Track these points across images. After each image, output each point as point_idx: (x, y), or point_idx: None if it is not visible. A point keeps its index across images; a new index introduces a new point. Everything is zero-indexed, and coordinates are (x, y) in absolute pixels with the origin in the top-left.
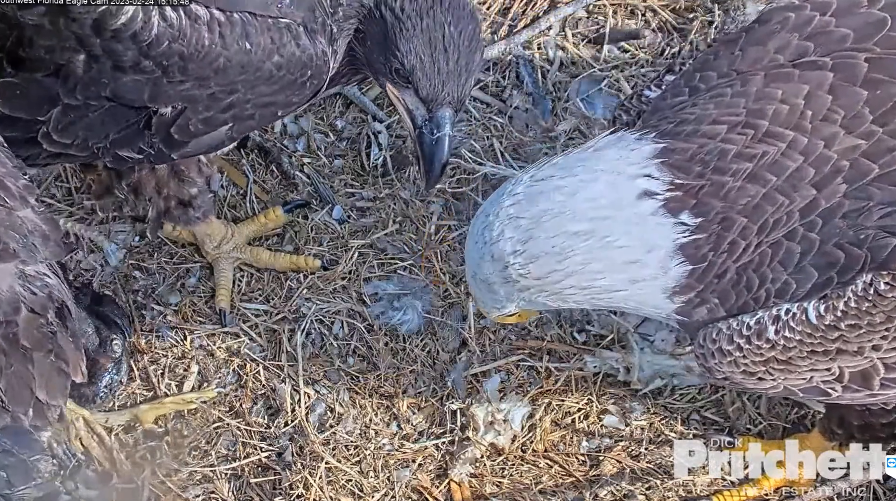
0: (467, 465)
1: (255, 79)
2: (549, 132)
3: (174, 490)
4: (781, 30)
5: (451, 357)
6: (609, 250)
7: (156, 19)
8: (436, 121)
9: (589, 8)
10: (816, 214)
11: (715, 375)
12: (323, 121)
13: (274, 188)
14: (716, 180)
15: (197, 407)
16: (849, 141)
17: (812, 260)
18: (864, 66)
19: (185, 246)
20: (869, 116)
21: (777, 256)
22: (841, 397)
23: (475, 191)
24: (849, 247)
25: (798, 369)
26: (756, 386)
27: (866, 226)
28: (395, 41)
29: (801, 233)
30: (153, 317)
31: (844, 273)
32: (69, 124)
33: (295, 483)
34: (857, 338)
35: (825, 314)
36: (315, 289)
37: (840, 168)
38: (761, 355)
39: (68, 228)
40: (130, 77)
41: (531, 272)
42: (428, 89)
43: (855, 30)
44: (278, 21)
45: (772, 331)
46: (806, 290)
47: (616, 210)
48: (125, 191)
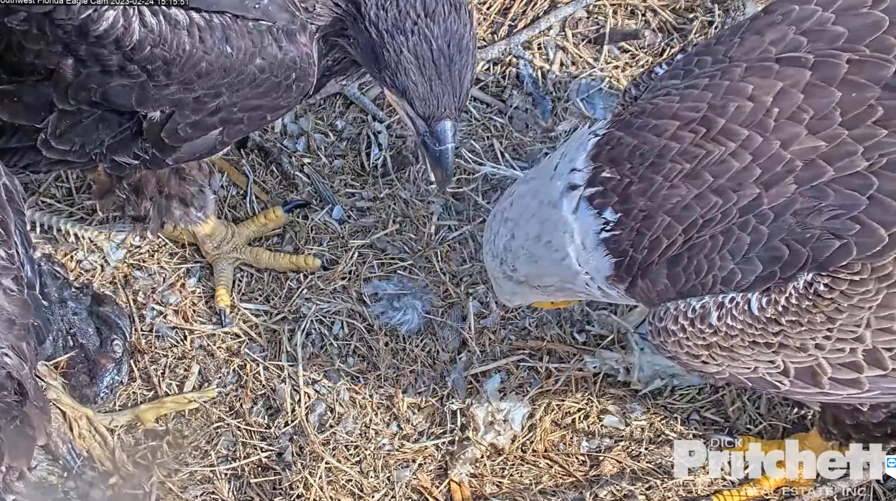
0: (467, 465)
1: (238, 82)
2: (549, 132)
3: (174, 490)
4: (782, 21)
5: (451, 357)
6: (549, 250)
7: (136, 25)
8: (436, 136)
9: (589, 8)
10: (767, 207)
11: (663, 353)
12: (323, 121)
13: (274, 188)
14: (646, 178)
15: (198, 406)
16: (810, 141)
17: (759, 253)
18: (843, 68)
19: (185, 246)
20: (839, 118)
21: (728, 244)
22: (791, 391)
23: (475, 191)
24: (793, 244)
25: (741, 357)
26: (702, 369)
27: (814, 226)
28: (384, 60)
29: (753, 224)
30: (153, 317)
31: (786, 269)
32: (66, 130)
33: (295, 483)
34: (799, 335)
35: (766, 307)
36: (315, 289)
37: (792, 168)
38: (704, 339)
39: (68, 227)
40: (118, 81)
41: (518, 270)
42: (424, 108)
43: (850, 29)
44: (259, 24)
45: (714, 317)
46: (750, 282)
47: (552, 209)
48: (127, 191)
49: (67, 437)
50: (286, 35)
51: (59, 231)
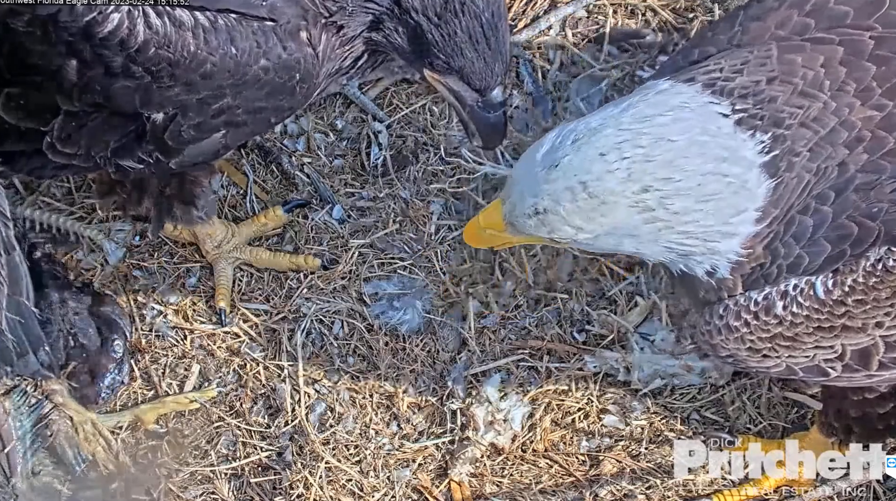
0: (467, 465)
1: (242, 83)
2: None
3: (174, 490)
4: (780, 6)
5: (451, 357)
6: (720, 184)
7: (141, 27)
8: (490, 103)
9: (589, 8)
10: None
11: (719, 352)
12: (323, 121)
13: (274, 188)
14: (772, 113)
15: (198, 406)
16: (865, 111)
17: (825, 234)
18: (870, 43)
19: (185, 245)
20: (878, 90)
21: (790, 231)
22: (839, 377)
23: (475, 190)
24: (862, 220)
25: (803, 346)
26: (759, 365)
27: (879, 200)
28: (437, 45)
29: (814, 206)
30: (153, 317)
31: (857, 246)
32: (71, 133)
33: (295, 483)
34: (863, 314)
35: (833, 289)
36: (315, 289)
37: (862, 137)
38: (768, 331)
39: (68, 227)
40: (122, 83)
41: (676, 206)
42: (479, 81)
43: (855, 8)
44: (264, 24)
45: (780, 307)
46: (818, 264)
47: (710, 136)
48: (128, 191)
49: (74, 441)
50: (291, 36)
51: (58, 230)
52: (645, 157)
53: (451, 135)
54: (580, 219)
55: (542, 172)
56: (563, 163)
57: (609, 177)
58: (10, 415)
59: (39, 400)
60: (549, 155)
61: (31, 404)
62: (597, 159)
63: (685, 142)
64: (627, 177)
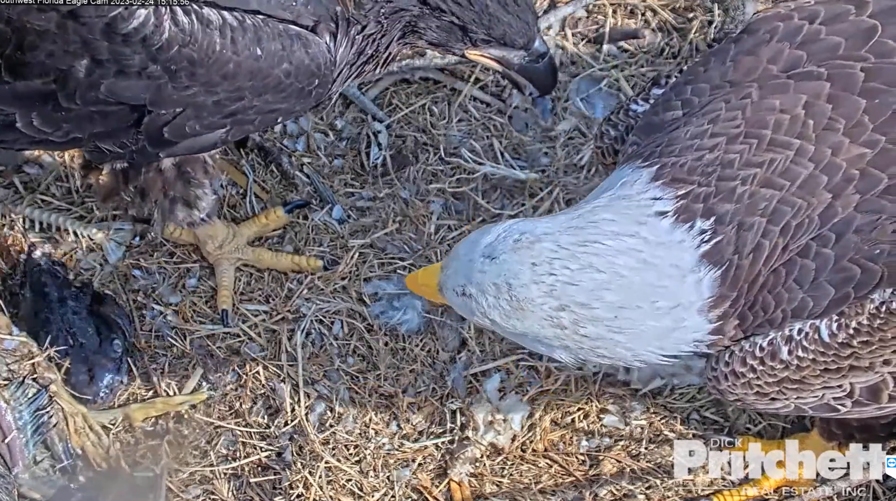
0: (467, 465)
1: (262, 86)
2: (548, 132)
3: (174, 490)
4: (772, 39)
5: (451, 357)
6: (646, 310)
7: (167, 23)
8: (536, 53)
9: (589, 8)
10: (830, 227)
11: (727, 397)
12: (323, 121)
13: (274, 188)
14: (722, 186)
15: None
16: (854, 149)
17: (828, 277)
18: (860, 76)
19: (185, 245)
20: (870, 125)
21: (792, 275)
22: (850, 412)
23: (475, 190)
24: (864, 262)
25: (811, 387)
26: (767, 407)
27: (881, 241)
28: (475, 22)
29: (815, 249)
30: (153, 317)
31: (861, 288)
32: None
33: (295, 483)
34: (870, 354)
35: (838, 332)
36: (315, 289)
37: (851, 177)
38: (775, 376)
39: (68, 226)
40: (134, 82)
41: (587, 331)
42: (522, 38)
43: (847, 38)
44: (289, 28)
45: (785, 352)
46: (823, 307)
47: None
48: (131, 194)
49: (64, 434)
50: (315, 41)
51: (58, 230)
52: (570, 280)
53: (451, 135)
54: (498, 315)
55: (479, 260)
56: (499, 260)
57: (534, 287)
58: (10, 406)
59: (38, 390)
60: (491, 246)
61: (29, 395)
62: (528, 267)
63: (610, 276)
64: (549, 292)
